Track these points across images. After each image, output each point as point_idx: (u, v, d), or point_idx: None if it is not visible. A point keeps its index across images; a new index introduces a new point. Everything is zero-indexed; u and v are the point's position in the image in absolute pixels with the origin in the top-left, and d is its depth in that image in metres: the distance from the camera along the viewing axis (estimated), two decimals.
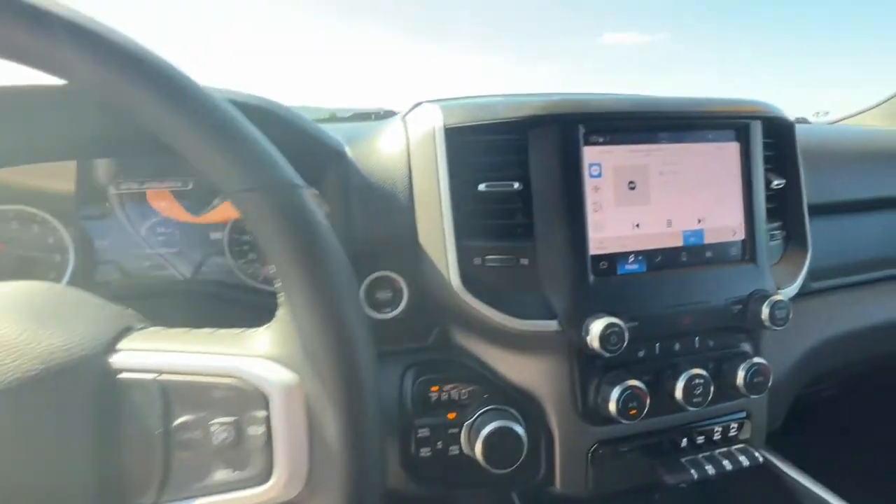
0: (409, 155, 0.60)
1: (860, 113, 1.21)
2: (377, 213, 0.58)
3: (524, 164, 0.57)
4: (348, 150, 0.61)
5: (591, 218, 0.57)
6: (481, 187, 0.56)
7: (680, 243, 0.60)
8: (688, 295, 0.59)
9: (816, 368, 0.79)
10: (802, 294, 0.69)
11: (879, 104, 1.16)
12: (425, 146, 0.57)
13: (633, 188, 0.58)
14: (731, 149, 0.62)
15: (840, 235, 0.84)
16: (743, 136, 0.62)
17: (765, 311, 0.58)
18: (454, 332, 0.59)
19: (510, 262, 0.57)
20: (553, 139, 0.56)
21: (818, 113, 1.28)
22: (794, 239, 0.70)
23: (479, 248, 0.54)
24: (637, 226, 0.59)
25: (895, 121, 1.10)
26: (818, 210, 0.76)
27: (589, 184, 0.57)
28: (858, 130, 0.99)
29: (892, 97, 1.14)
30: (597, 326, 0.51)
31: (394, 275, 0.60)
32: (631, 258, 0.58)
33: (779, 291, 0.63)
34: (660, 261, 0.59)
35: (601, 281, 0.57)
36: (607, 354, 0.51)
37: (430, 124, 0.57)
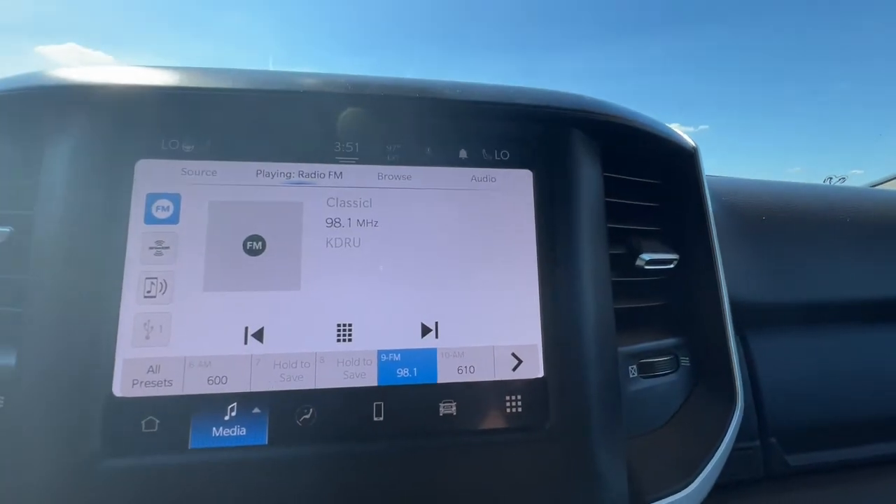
0: None
1: None
2: None
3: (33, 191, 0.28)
4: None
5: (134, 311, 0.25)
6: None
7: (373, 381, 0.26)
8: None
9: None
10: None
11: None
12: None
13: (256, 251, 0.27)
14: (517, 181, 0.30)
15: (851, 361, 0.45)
16: (540, 157, 0.30)
17: None
18: None
19: None
20: (77, 140, 0.26)
21: (830, 178, 0.93)
22: (704, 373, 0.34)
23: None
24: (258, 336, 0.26)
25: None
26: (818, 313, 0.42)
27: (140, 236, 0.26)
28: None
29: None
30: None
31: None
32: (230, 412, 0.25)
33: None
34: (312, 422, 0.25)
35: (131, 469, 0.23)
36: None
37: None
